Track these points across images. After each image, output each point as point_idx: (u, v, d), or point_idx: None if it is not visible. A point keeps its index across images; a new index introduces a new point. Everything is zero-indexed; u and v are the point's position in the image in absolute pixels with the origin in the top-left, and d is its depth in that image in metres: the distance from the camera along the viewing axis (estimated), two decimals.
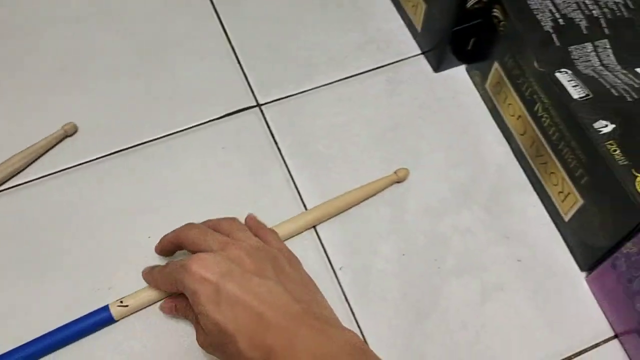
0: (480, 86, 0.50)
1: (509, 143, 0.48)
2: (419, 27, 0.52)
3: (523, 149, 0.46)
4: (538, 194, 0.46)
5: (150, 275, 0.40)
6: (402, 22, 0.54)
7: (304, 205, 0.45)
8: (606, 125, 0.38)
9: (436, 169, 0.47)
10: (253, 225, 0.42)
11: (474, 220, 0.45)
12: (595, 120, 0.38)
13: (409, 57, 0.53)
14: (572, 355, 0.40)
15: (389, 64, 0.52)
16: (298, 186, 0.46)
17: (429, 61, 0.52)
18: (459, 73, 0.52)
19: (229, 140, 0.48)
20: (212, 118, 0.49)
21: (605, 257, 0.40)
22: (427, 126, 0.49)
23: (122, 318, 0.40)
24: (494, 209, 0.45)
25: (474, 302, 0.42)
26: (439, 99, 0.50)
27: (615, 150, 0.37)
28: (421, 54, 0.53)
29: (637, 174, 0.36)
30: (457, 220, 0.45)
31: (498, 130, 0.49)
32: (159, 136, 0.48)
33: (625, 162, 0.37)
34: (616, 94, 0.39)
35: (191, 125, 0.49)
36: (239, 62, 0.52)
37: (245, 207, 0.44)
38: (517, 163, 0.47)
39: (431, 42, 0.51)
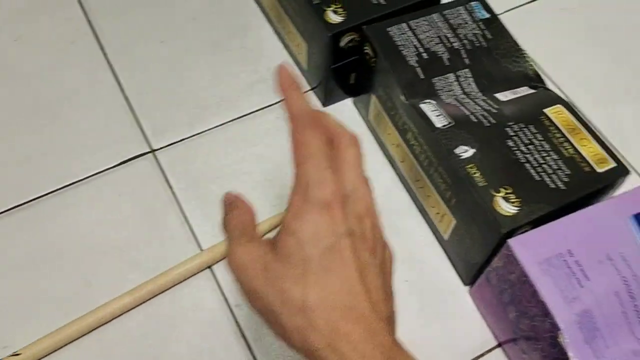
0: (365, 118, 0.53)
1: (394, 169, 0.51)
2: (304, 65, 0.54)
3: (404, 174, 0.49)
4: (422, 215, 0.49)
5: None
6: (290, 60, 0.57)
7: (199, 247, 0.46)
8: (466, 150, 0.41)
9: None
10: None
11: None
12: (457, 146, 0.42)
13: None
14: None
15: (279, 102, 0.54)
16: (193, 228, 0.47)
17: (317, 96, 0.55)
18: (346, 106, 0.55)
19: (124, 188, 0.49)
20: (106, 167, 0.50)
21: (481, 272, 0.43)
22: None
23: None
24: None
25: None
26: None
27: (475, 173, 0.40)
28: (310, 90, 0.55)
29: (495, 194, 0.40)
30: None
31: (384, 158, 0.52)
32: (52, 189, 0.48)
33: (484, 184, 0.40)
34: (475, 120, 0.43)
35: (86, 176, 0.49)
36: (132, 110, 0.53)
37: (142, 252, 0.45)
38: (402, 187, 0.50)
39: (316, 78, 0.53)
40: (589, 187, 0.40)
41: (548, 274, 0.37)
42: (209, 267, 0.46)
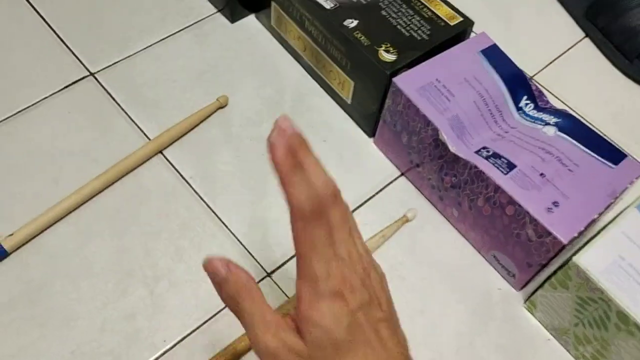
0: (268, 26, 0.63)
1: (299, 62, 0.62)
2: None
3: (309, 62, 0.60)
4: (327, 92, 0.60)
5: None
6: None
7: (149, 139, 0.55)
8: (352, 22, 0.53)
9: (249, 92, 0.59)
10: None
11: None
12: (344, 20, 0.53)
13: (209, 16, 0.65)
14: (375, 193, 0.55)
15: (193, 24, 0.64)
16: (140, 127, 0.56)
17: (225, 16, 0.64)
18: (251, 21, 0.65)
19: (73, 107, 0.56)
20: (52, 92, 0.57)
21: (379, 119, 0.55)
22: (234, 63, 0.61)
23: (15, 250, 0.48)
24: (297, 111, 0.59)
25: None
26: (239, 42, 0.63)
27: (361, 37, 0.52)
28: (217, 11, 0.65)
29: (378, 49, 0.52)
30: (271, 123, 0.57)
31: (289, 55, 0.63)
32: (4, 117, 0.55)
33: (368, 43, 0.52)
34: (355, 0, 0.55)
35: (35, 102, 0.56)
36: (63, 42, 0.60)
37: (100, 151, 0.53)
38: (308, 75, 0.61)
39: (222, 0, 0.63)
40: (445, 35, 0.53)
41: (424, 96, 0.50)
42: (160, 152, 0.54)
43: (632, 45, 0.64)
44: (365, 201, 0.54)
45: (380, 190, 0.55)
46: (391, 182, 0.56)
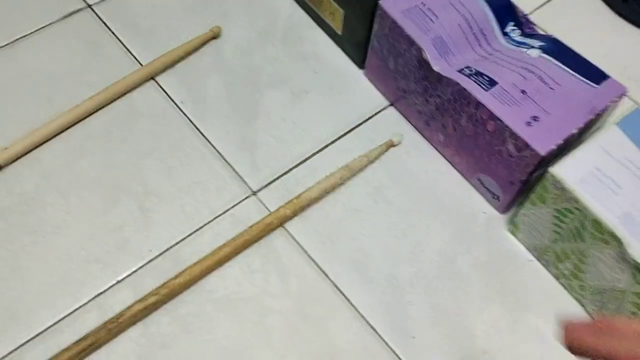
0: None
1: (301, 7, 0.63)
2: None
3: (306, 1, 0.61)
4: (318, 24, 0.61)
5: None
6: None
7: (142, 66, 0.56)
8: None
9: (241, 23, 0.60)
10: None
11: (277, 51, 0.59)
12: None
13: None
14: (363, 121, 0.55)
15: None
16: (134, 54, 0.57)
17: None
18: None
19: (70, 36, 0.58)
20: (51, 22, 0.59)
21: (367, 48, 0.56)
22: None
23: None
24: (289, 42, 0.60)
25: (288, 103, 0.56)
26: None
27: None
28: None
29: None
30: (265, 53, 0.58)
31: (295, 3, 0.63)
32: (4, 43, 0.57)
33: None
34: None
35: (32, 30, 0.58)
36: None
37: (94, 74, 0.55)
38: (299, 7, 0.62)
39: None
40: None
41: (409, 18, 0.50)
42: (153, 78, 0.56)
43: None
44: (352, 129, 0.55)
45: (368, 120, 0.56)
46: (379, 112, 0.56)
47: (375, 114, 0.56)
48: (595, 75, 0.49)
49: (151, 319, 0.45)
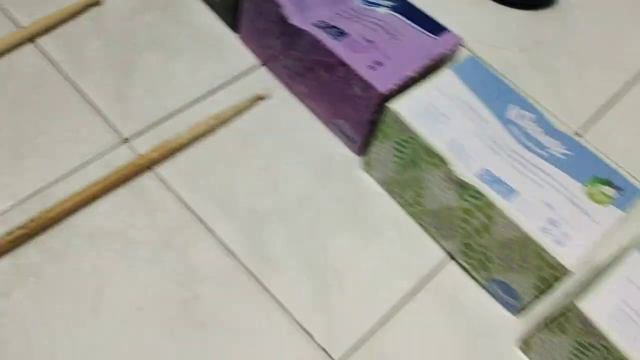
0: None
1: None
2: None
3: None
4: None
5: None
6: None
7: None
8: None
9: None
10: None
11: (156, 18, 0.62)
12: None
13: None
14: (236, 79, 0.60)
15: None
16: (16, 17, 0.59)
17: None
18: None
19: None
20: None
21: (239, 12, 0.60)
22: None
23: None
24: (169, 10, 0.63)
25: (163, 63, 0.59)
26: None
27: None
28: None
29: None
30: (145, 20, 0.62)
31: None
32: None
33: None
34: None
35: None
36: None
37: None
38: None
39: None
40: None
41: None
42: (32, 40, 0.58)
43: None
44: (224, 86, 0.59)
45: (240, 79, 0.60)
46: (251, 72, 0.61)
47: (248, 73, 0.61)
48: (436, 28, 0.55)
49: (20, 251, 0.47)
